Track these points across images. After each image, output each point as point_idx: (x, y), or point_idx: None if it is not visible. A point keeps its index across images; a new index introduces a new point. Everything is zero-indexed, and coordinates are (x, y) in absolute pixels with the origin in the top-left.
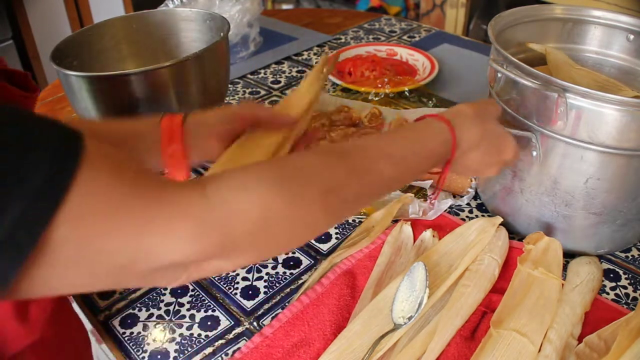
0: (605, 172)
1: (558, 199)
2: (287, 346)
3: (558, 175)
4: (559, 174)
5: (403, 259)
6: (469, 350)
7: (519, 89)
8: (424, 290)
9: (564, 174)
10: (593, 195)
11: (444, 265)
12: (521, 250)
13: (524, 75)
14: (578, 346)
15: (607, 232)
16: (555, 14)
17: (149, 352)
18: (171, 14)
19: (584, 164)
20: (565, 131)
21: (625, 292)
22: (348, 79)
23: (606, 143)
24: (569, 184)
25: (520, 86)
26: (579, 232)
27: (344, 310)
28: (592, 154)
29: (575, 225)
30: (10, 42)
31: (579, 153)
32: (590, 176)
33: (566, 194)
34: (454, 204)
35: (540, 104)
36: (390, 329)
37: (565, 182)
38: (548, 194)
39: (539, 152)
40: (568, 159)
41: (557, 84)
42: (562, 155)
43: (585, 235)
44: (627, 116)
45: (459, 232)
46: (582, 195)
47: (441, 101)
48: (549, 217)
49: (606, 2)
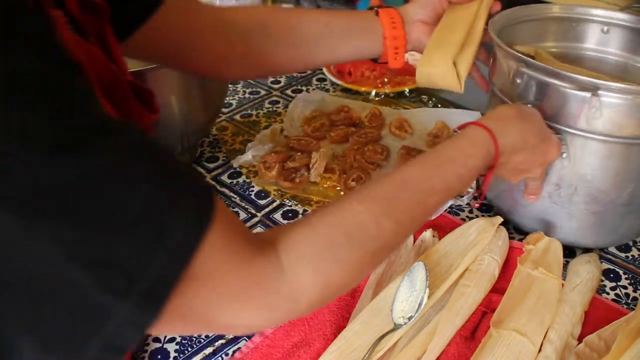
0: (632, 163)
1: (588, 196)
2: (287, 346)
3: (589, 174)
4: (590, 172)
5: (403, 259)
6: (469, 350)
7: (541, 90)
8: (424, 290)
9: (595, 172)
10: (622, 188)
11: (444, 265)
12: (521, 250)
13: (549, 75)
14: (578, 346)
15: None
16: (552, 12)
17: (148, 352)
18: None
19: (613, 159)
20: (596, 129)
21: (625, 292)
22: (348, 79)
23: (634, 134)
24: (600, 180)
25: (544, 87)
26: (609, 225)
27: (344, 310)
28: (620, 147)
29: (604, 220)
30: None
31: (609, 148)
32: (619, 170)
33: (598, 190)
34: (454, 204)
35: (568, 104)
36: (390, 329)
37: (596, 179)
38: (578, 193)
39: (569, 153)
40: (598, 156)
41: (590, 83)
42: (593, 154)
43: (614, 228)
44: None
45: (459, 232)
46: (612, 188)
47: (441, 101)
48: (576, 216)
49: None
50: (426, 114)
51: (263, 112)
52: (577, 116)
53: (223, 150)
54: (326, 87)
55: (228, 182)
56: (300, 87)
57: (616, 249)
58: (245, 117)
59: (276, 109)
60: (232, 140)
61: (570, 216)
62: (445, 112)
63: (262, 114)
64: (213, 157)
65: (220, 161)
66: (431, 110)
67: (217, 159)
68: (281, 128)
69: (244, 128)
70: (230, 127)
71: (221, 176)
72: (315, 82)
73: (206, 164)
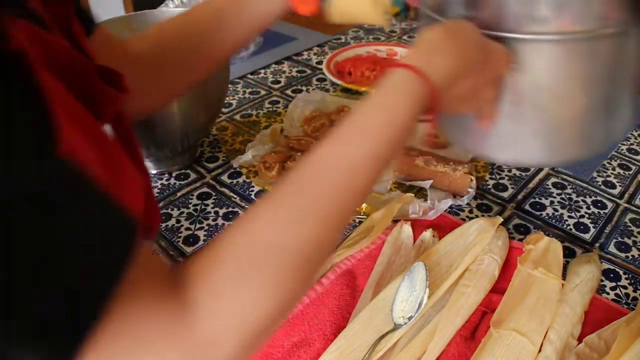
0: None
1: (552, 108)
2: (287, 346)
3: (549, 82)
4: (549, 81)
5: (403, 259)
6: (469, 350)
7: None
8: (424, 290)
9: (556, 79)
10: (592, 92)
11: (444, 265)
12: (521, 250)
13: None
14: (578, 346)
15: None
16: None
17: None
18: (171, 14)
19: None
20: (549, 27)
21: (625, 292)
22: (348, 79)
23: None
24: (564, 88)
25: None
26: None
27: (344, 310)
28: (583, 45)
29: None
30: None
31: (569, 49)
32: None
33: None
34: (454, 204)
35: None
36: (390, 329)
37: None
38: (540, 106)
39: (520, 63)
40: (557, 61)
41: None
42: (550, 59)
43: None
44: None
45: (459, 232)
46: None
47: None
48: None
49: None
50: None
51: (263, 112)
52: (523, 15)
53: (223, 150)
54: (326, 87)
55: (228, 182)
56: (300, 87)
57: (616, 249)
58: (245, 117)
59: (276, 109)
60: (232, 140)
61: (535, 134)
62: None
63: (262, 114)
64: (213, 157)
65: (220, 161)
66: None
67: (217, 159)
68: (281, 128)
69: (244, 128)
70: (230, 127)
71: (221, 176)
72: (315, 82)
73: (206, 164)
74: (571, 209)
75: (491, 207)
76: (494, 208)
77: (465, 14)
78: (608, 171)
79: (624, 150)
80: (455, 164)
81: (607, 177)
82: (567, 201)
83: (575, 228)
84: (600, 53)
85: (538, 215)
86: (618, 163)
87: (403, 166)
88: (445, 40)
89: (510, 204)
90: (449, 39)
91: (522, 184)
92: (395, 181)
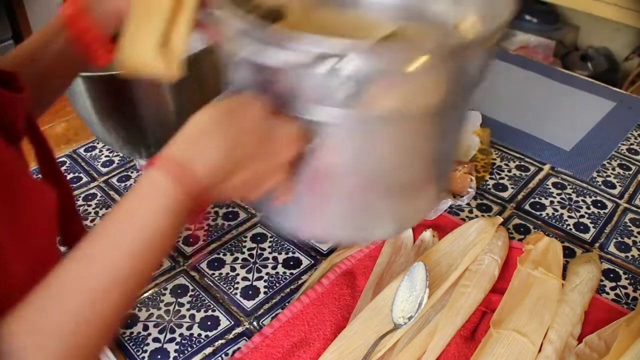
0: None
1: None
2: (287, 346)
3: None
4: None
5: (403, 259)
6: (469, 350)
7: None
8: (424, 290)
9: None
10: (400, 170)
11: (444, 265)
12: (521, 250)
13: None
14: (578, 346)
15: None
16: None
17: (148, 352)
18: None
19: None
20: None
21: (625, 292)
22: None
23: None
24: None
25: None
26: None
27: (344, 310)
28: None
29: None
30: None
31: (370, 129)
32: (392, 151)
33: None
34: (454, 204)
35: (303, 81)
36: (390, 329)
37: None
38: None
39: (317, 142)
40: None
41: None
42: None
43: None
44: None
45: (459, 232)
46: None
47: None
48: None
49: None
50: None
51: None
52: (320, 95)
53: None
54: None
55: None
56: None
57: (616, 249)
58: None
59: None
60: None
61: (337, 212)
62: None
63: None
64: None
65: None
66: None
67: None
68: None
69: None
70: None
71: None
72: None
73: None
74: (571, 209)
75: (491, 207)
76: (494, 208)
77: (258, 90)
78: (608, 171)
79: (624, 150)
80: (455, 164)
81: (607, 177)
82: (567, 201)
83: (575, 228)
84: (400, 135)
85: (538, 215)
86: (618, 163)
87: None
88: (219, 126)
89: (510, 204)
90: (223, 125)
91: (522, 184)
92: None
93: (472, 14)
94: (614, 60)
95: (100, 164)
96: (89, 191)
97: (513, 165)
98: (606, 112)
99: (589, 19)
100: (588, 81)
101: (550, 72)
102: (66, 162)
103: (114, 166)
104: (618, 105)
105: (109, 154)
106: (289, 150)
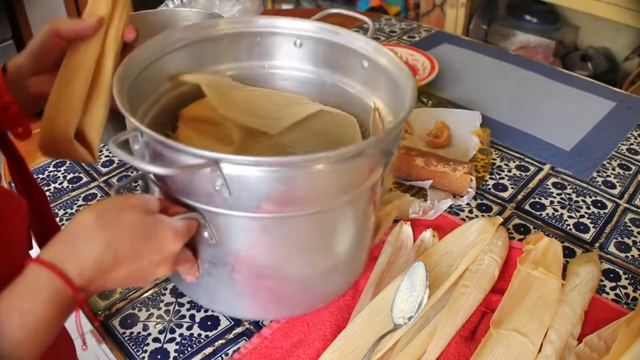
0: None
1: (251, 272)
2: (286, 346)
3: (244, 250)
4: (244, 249)
5: (403, 259)
6: (469, 350)
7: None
8: (424, 290)
9: (251, 248)
10: (291, 261)
11: (444, 265)
12: (521, 251)
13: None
14: (578, 346)
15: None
16: (221, 29)
17: (148, 352)
18: (171, 14)
19: (268, 234)
20: (233, 205)
21: (625, 292)
22: None
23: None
24: (262, 256)
25: (159, 159)
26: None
27: (344, 311)
28: (269, 222)
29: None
30: (10, 42)
31: (256, 224)
32: (281, 243)
33: (261, 266)
34: (454, 204)
35: (193, 180)
36: (390, 329)
37: (256, 255)
38: (238, 270)
39: (211, 232)
40: (249, 232)
41: (207, 156)
42: (241, 230)
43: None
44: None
45: (459, 232)
46: (280, 263)
47: (441, 101)
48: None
49: (606, 2)
50: (426, 113)
51: None
52: (208, 193)
53: None
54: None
55: None
56: None
57: (616, 249)
58: None
59: None
60: None
61: (238, 293)
62: (445, 112)
63: None
64: None
65: None
66: (431, 110)
67: None
68: None
69: None
70: None
71: None
72: None
73: None
74: (571, 209)
75: (491, 207)
76: (494, 208)
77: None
78: (608, 171)
79: (624, 150)
80: (455, 164)
81: (607, 177)
82: (567, 201)
83: (575, 228)
84: (287, 229)
85: (538, 215)
86: (618, 163)
87: (403, 166)
88: (97, 226)
89: (510, 204)
90: (101, 225)
91: (522, 184)
92: (395, 181)
93: (379, 100)
94: (614, 60)
95: (100, 164)
96: (89, 191)
97: (513, 165)
98: (606, 112)
99: (589, 19)
100: (588, 81)
101: (550, 72)
102: (66, 162)
103: (114, 166)
104: (618, 105)
105: (109, 154)
106: (175, 244)
